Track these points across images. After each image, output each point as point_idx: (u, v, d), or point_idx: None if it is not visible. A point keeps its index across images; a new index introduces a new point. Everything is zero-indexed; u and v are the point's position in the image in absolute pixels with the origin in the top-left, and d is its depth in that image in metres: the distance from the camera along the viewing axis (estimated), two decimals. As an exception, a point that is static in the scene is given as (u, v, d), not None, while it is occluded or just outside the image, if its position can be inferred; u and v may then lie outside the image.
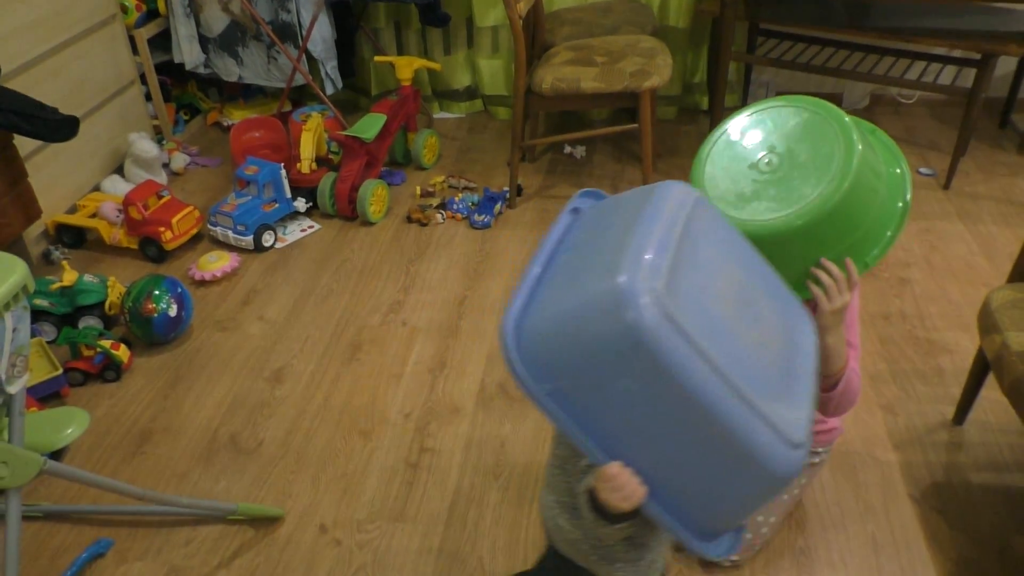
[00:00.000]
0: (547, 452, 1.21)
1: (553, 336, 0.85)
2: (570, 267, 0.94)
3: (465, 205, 2.95)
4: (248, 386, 2.18)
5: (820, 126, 1.25)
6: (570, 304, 0.86)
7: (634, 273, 0.81)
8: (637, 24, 3.05)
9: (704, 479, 0.89)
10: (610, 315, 0.81)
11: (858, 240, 1.25)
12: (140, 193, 2.68)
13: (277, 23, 3.14)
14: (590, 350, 0.83)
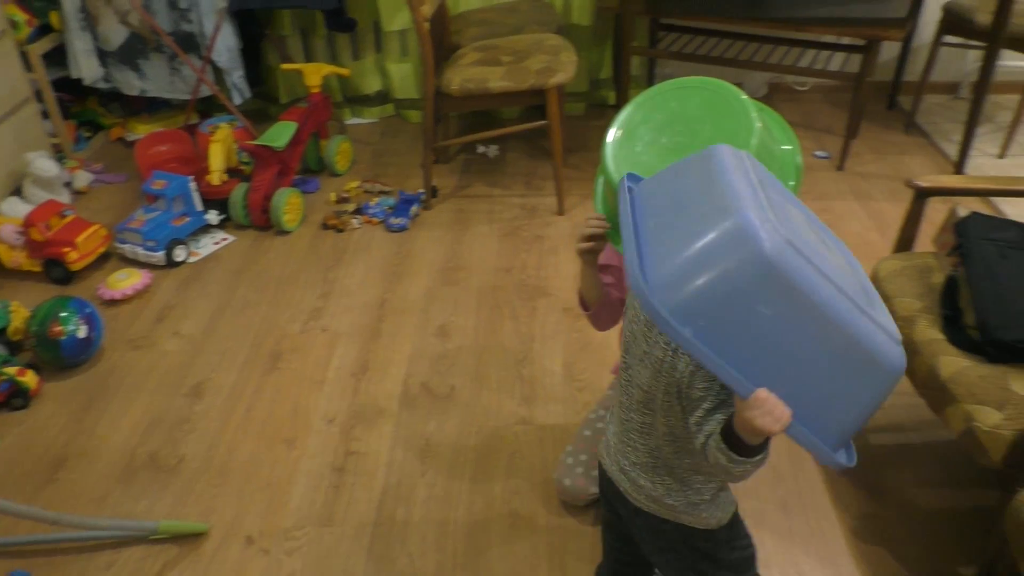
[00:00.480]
0: (608, 430, 1.25)
1: (685, 283, 0.90)
2: (668, 226, 0.99)
3: (381, 209, 2.95)
4: (166, 403, 2.14)
5: (720, 105, 1.31)
6: (694, 251, 0.91)
7: (748, 211, 0.89)
8: (542, 23, 3.10)
9: (834, 389, 0.95)
10: (738, 250, 0.88)
11: None
12: (42, 213, 2.60)
13: (179, 34, 3.08)
14: (725, 287, 0.89)
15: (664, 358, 1.06)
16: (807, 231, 1.00)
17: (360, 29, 3.46)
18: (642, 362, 1.10)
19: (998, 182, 2.15)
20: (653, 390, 1.09)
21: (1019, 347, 1.47)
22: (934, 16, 3.32)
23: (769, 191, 0.99)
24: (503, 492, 1.84)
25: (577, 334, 2.33)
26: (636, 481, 1.18)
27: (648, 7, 3.14)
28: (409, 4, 2.53)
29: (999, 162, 3.18)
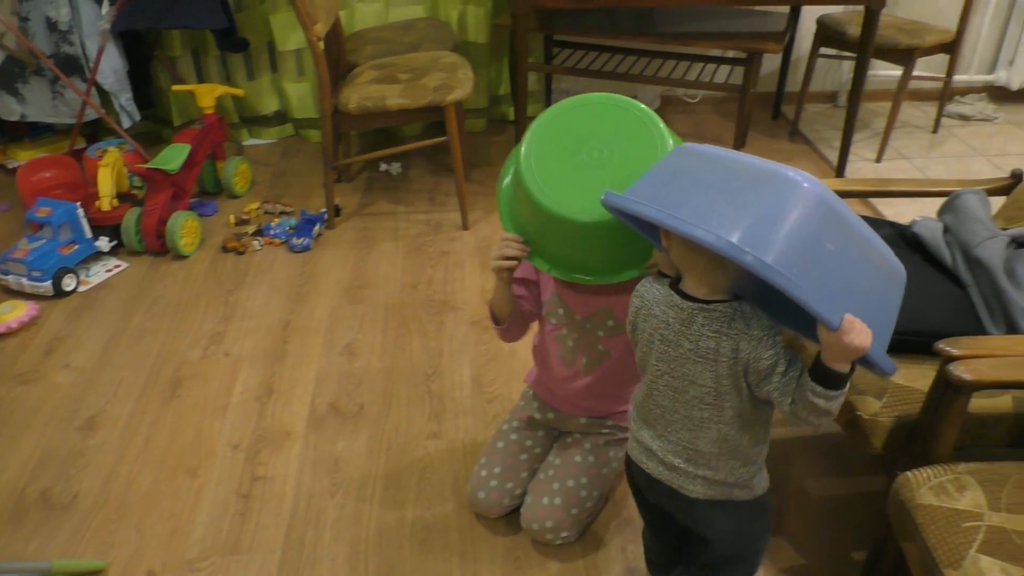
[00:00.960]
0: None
1: (772, 238, 0.99)
2: (708, 207, 1.04)
3: (283, 230, 2.91)
4: (58, 439, 2.05)
5: (627, 119, 1.38)
6: (767, 211, 1.01)
7: (787, 170, 1.04)
8: (438, 41, 3.13)
9: (879, 304, 1.11)
10: (802, 197, 1.01)
11: None
12: (-86, 246, 2.46)
13: (60, 56, 2.97)
14: (802, 233, 1.00)
15: (718, 346, 1.14)
16: None
17: (254, 49, 3.42)
18: (690, 360, 1.18)
19: (874, 184, 2.29)
20: (717, 379, 1.17)
21: (893, 337, 1.56)
22: (810, 29, 3.52)
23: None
24: (415, 508, 1.83)
25: (485, 347, 2.35)
26: (693, 473, 1.26)
27: (541, 24, 3.21)
28: (302, 23, 2.52)
29: (876, 165, 3.38)
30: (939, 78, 3.59)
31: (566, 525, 1.68)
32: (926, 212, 1.90)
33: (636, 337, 1.29)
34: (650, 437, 1.30)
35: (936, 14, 3.68)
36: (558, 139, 1.40)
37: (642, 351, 1.28)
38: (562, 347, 1.67)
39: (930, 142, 3.59)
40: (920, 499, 1.28)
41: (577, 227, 1.35)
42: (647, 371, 1.27)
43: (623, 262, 1.42)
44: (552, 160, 1.39)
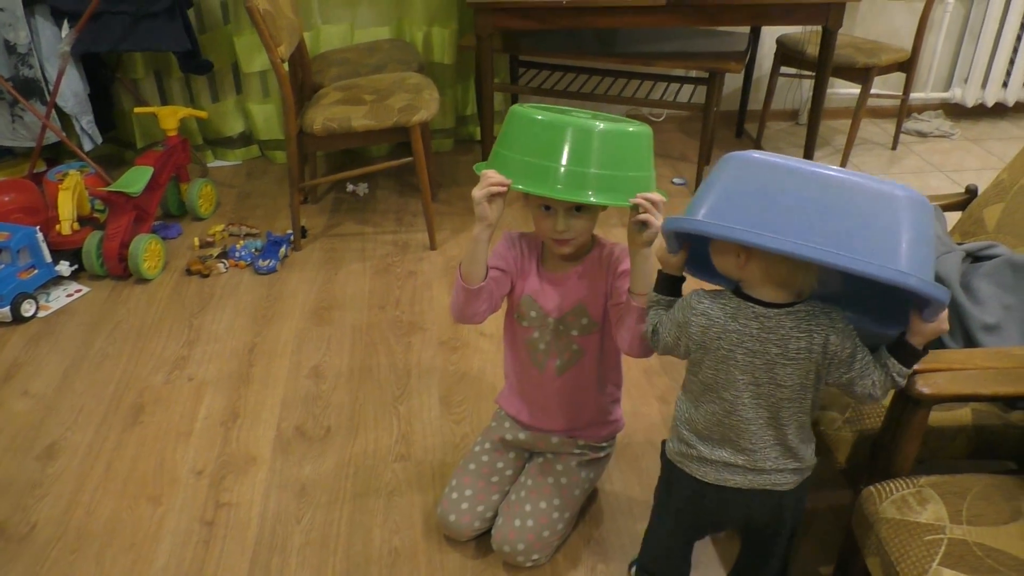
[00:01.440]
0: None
1: (921, 260, 1.11)
2: (826, 230, 1.11)
3: (248, 252, 2.89)
4: (15, 468, 2.00)
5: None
6: (909, 235, 1.11)
7: (884, 185, 1.13)
8: (403, 62, 3.14)
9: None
10: (922, 211, 1.13)
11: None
12: None
13: (19, 79, 2.93)
14: (922, 237, 1.13)
15: (810, 344, 1.21)
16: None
17: (218, 71, 3.40)
18: (778, 364, 1.23)
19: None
20: (804, 376, 1.24)
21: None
22: (771, 49, 3.58)
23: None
24: (383, 532, 1.81)
25: (453, 367, 2.34)
26: (786, 468, 1.31)
27: (506, 45, 3.24)
28: (266, 45, 2.51)
29: (837, 183, 3.43)
30: (896, 96, 3.67)
31: (537, 547, 1.67)
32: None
33: (705, 356, 1.28)
34: (731, 453, 1.31)
35: (892, 33, 3.77)
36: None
37: (715, 368, 1.27)
38: (533, 350, 1.67)
39: (889, 158, 3.67)
40: (883, 513, 1.29)
41: (580, 130, 1.35)
42: (726, 388, 1.27)
43: (611, 184, 1.37)
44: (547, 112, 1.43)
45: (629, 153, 1.38)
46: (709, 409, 1.30)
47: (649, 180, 1.41)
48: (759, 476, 1.31)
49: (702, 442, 1.33)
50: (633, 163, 1.38)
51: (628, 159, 1.38)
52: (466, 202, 3.23)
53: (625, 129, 1.38)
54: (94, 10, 2.80)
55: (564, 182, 1.35)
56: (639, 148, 1.39)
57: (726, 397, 1.27)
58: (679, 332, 1.30)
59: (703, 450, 1.33)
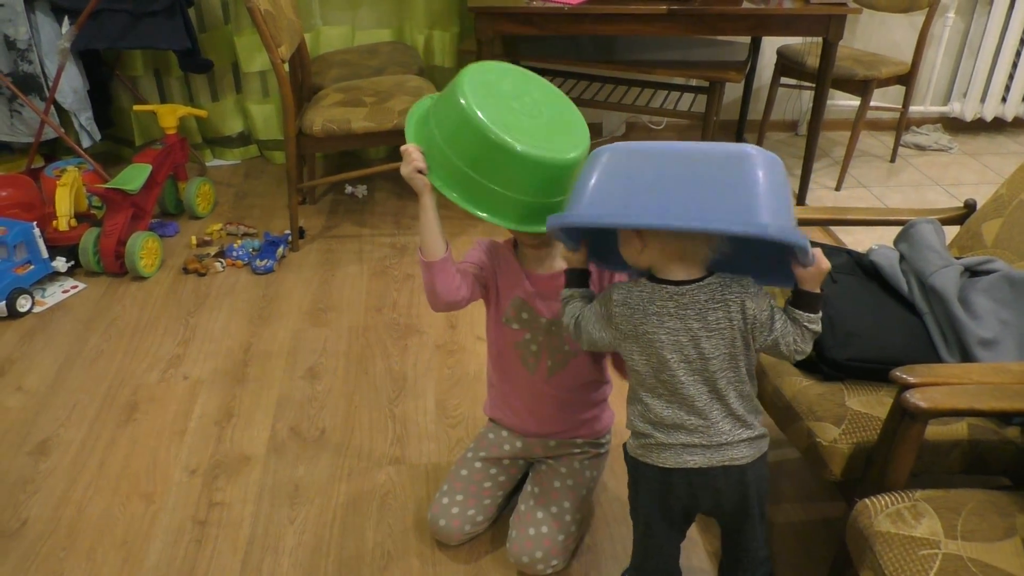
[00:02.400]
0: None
1: (779, 209, 1.18)
2: (704, 197, 1.19)
3: (245, 251, 2.88)
4: (6, 463, 1.99)
5: (557, 100, 1.51)
6: (763, 189, 1.17)
7: (735, 147, 1.22)
8: (403, 65, 3.14)
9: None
10: (763, 164, 1.19)
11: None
12: None
13: (18, 75, 2.92)
14: (781, 191, 1.20)
15: (728, 313, 1.27)
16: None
17: (218, 69, 3.40)
18: (702, 338, 1.28)
19: (833, 212, 2.33)
20: (731, 345, 1.28)
21: (850, 364, 1.58)
22: (771, 60, 3.59)
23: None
24: (376, 534, 1.81)
25: (449, 371, 2.34)
26: (738, 439, 1.32)
27: (506, 50, 3.24)
28: (266, 45, 2.51)
29: (836, 193, 3.45)
30: (896, 109, 3.68)
31: (555, 553, 1.67)
32: (884, 240, 1.94)
33: (635, 346, 1.32)
34: (687, 434, 1.33)
35: (892, 46, 3.78)
36: (496, 84, 1.45)
37: (646, 355, 1.31)
38: (524, 353, 1.66)
39: (888, 171, 3.68)
40: (878, 527, 1.29)
41: (509, 156, 1.35)
42: (661, 370, 1.31)
43: (532, 212, 1.41)
44: (491, 96, 1.41)
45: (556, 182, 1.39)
46: (654, 396, 1.34)
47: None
48: (717, 452, 1.33)
49: (657, 429, 1.35)
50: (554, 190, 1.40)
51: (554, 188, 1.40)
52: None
53: (560, 159, 1.38)
54: (94, 7, 2.79)
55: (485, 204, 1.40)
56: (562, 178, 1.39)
57: (664, 379, 1.31)
58: (604, 325, 1.36)
59: (660, 436, 1.35)
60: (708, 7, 2.77)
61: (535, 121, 1.42)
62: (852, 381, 1.61)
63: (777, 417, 1.66)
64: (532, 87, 1.49)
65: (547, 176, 1.38)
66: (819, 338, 1.61)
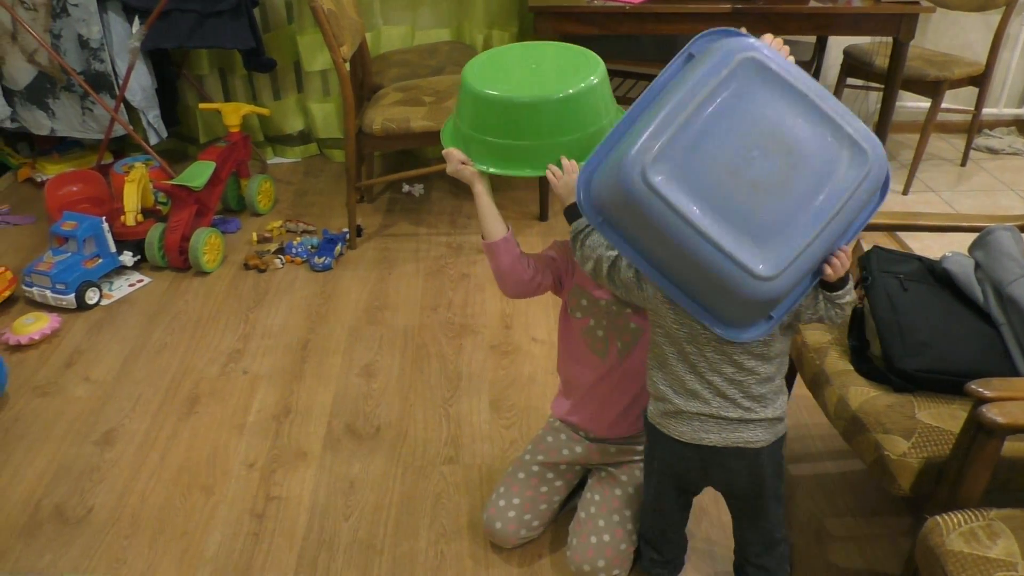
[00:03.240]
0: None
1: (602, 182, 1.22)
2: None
3: (304, 248, 2.92)
4: (74, 452, 2.05)
5: (571, 53, 1.56)
6: (613, 161, 1.19)
7: (634, 149, 1.13)
8: (462, 64, 3.12)
9: (709, 293, 1.22)
10: (619, 175, 1.14)
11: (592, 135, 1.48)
12: (-59, 257, 2.48)
13: (90, 73, 3.01)
14: (614, 198, 1.19)
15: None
16: (730, 160, 1.16)
17: (281, 69, 3.45)
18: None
19: (902, 217, 2.25)
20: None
21: (921, 376, 1.53)
22: (837, 60, 3.50)
23: (718, 116, 1.15)
24: (429, 534, 1.81)
25: (504, 372, 2.33)
26: (756, 419, 1.33)
27: (568, 50, 3.22)
28: (329, 45, 2.54)
29: (904, 198, 3.35)
30: (968, 111, 3.56)
31: (617, 562, 1.64)
32: (954, 247, 1.87)
33: (670, 311, 1.31)
34: (703, 403, 1.33)
35: (965, 47, 3.65)
36: (500, 58, 1.57)
37: (681, 322, 1.30)
38: (592, 339, 1.63)
39: (958, 175, 3.56)
40: (950, 545, 1.24)
41: (508, 106, 1.45)
42: (693, 340, 1.30)
43: (572, 150, 1.47)
44: (492, 69, 1.53)
45: (584, 111, 1.46)
46: (680, 359, 1.33)
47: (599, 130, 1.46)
48: (733, 431, 1.33)
49: (677, 394, 1.35)
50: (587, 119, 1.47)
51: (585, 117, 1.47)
52: (520, 206, 3.22)
53: (567, 92, 1.44)
54: (164, 7, 2.86)
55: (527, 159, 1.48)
56: (591, 102, 1.47)
57: (692, 350, 1.31)
58: (643, 281, 1.31)
59: (679, 402, 1.35)
60: (773, 6, 2.72)
61: (537, 74, 1.50)
62: (923, 393, 1.55)
63: (841, 428, 1.61)
64: (539, 50, 1.60)
65: (557, 113, 1.44)
66: (889, 348, 1.57)
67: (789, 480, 1.93)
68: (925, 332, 1.56)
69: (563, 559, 1.72)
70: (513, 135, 1.47)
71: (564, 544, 1.74)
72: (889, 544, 1.77)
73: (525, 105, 1.44)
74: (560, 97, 1.43)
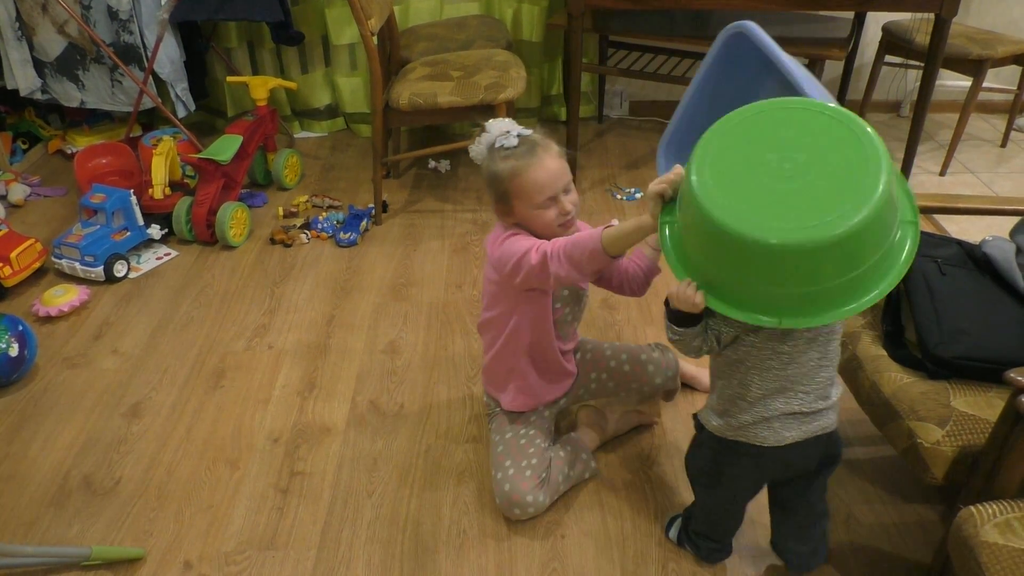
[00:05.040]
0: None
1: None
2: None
3: (330, 224, 2.91)
4: (102, 424, 2.07)
5: (848, 139, 1.14)
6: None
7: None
8: (491, 39, 3.10)
9: None
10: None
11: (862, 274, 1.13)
12: (-28, 228, 2.51)
13: (119, 45, 3.01)
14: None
15: None
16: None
17: (308, 42, 3.43)
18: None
19: (938, 199, 2.19)
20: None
21: (958, 363, 1.49)
22: (875, 36, 3.41)
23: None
24: (451, 511, 1.81)
25: (527, 350, 2.31)
26: (830, 404, 1.37)
27: (596, 24, 3.16)
28: (356, 18, 2.51)
29: (940, 179, 3.26)
30: (1010, 90, 3.45)
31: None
32: (993, 230, 1.81)
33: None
34: (785, 401, 1.34)
35: (1009, 24, 3.54)
36: (740, 148, 1.19)
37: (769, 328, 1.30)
38: (564, 325, 1.78)
39: (998, 156, 3.46)
40: (984, 536, 1.21)
41: (767, 251, 1.09)
42: (784, 340, 1.30)
43: (831, 296, 1.14)
44: (732, 173, 1.16)
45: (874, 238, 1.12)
46: (761, 369, 1.32)
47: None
48: (812, 422, 1.36)
49: (756, 404, 1.35)
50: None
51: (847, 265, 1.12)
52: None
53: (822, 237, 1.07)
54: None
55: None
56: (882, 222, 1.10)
57: (783, 350, 1.30)
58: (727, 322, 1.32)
59: (759, 410, 1.35)
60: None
61: (798, 182, 1.12)
62: (959, 380, 1.51)
63: (873, 414, 1.57)
64: (785, 126, 1.19)
65: (839, 253, 1.09)
66: (925, 333, 1.53)
67: (817, 465, 1.90)
68: (963, 318, 1.52)
69: (585, 539, 1.71)
70: (770, 281, 1.14)
71: (587, 524, 1.74)
72: (920, 533, 1.74)
73: (792, 251, 1.08)
74: (845, 233, 1.06)
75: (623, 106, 3.79)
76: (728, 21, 3.16)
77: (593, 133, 3.65)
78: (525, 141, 1.59)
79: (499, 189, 1.60)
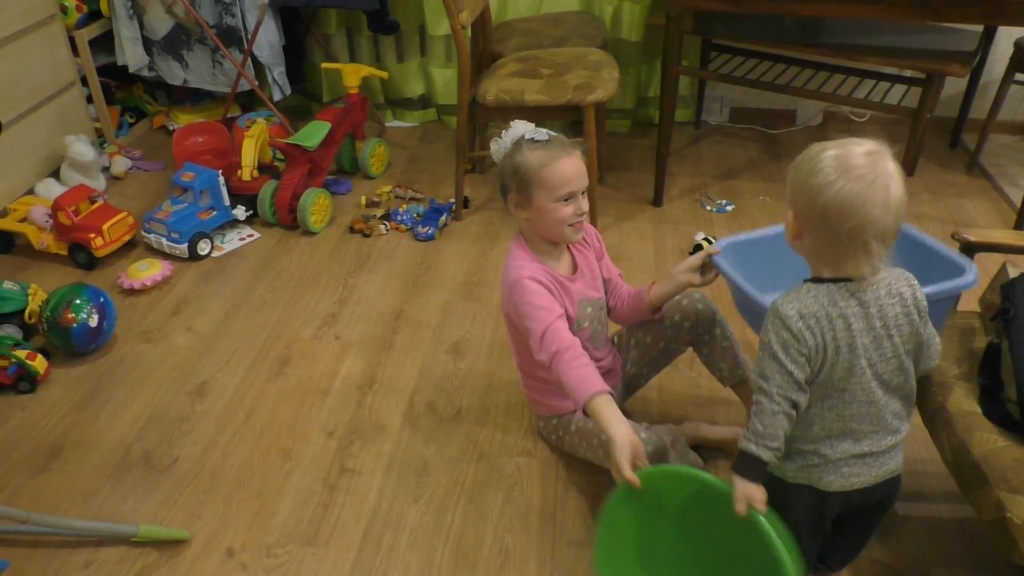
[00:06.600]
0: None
1: None
2: None
3: (410, 216, 2.90)
4: (168, 400, 2.11)
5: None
6: None
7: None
8: (587, 36, 3.01)
9: None
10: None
11: None
12: (71, 198, 2.60)
13: (221, 27, 3.07)
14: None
15: (907, 307, 1.22)
16: None
17: (405, 31, 3.42)
18: (884, 337, 1.22)
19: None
20: (909, 341, 1.25)
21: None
22: (1006, 51, 3.14)
23: None
24: (496, 527, 1.75)
25: (594, 363, 2.23)
26: (898, 442, 1.30)
27: (698, 27, 3.02)
28: (448, 11, 2.47)
29: (1065, 213, 2.98)
30: None
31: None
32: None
33: (825, 359, 1.21)
34: (854, 442, 1.27)
35: None
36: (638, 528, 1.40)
37: (831, 363, 1.21)
38: (595, 340, 1.80)
39: None
40: (1072, 636, 1.07)
41: None
42: (847, 378, 1.22)
43: None
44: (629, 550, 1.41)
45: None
46: (824, 408, 1.25)
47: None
48: (881, 465, 1.29)
49: (823, 445, 1.27)
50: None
51: None
52: (633, 188, 3.08)
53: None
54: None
55: None
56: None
57: (846, 387, 1.23)
58: (789, 359, 1.20)
59: (826, 452, 1.27)
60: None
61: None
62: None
63: (959, 476, 1.43)
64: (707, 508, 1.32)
65: None
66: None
67: (895, 518, 1.75)
68: (1072, 380, 1.36)
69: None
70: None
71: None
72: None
73: None
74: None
75: (723, 112, 3.63)
76: (840, 29, 2.98)
77: (688, 138, 3.52)
78: (554, 138, 1.66)
79: (523, 178, 1.63)
